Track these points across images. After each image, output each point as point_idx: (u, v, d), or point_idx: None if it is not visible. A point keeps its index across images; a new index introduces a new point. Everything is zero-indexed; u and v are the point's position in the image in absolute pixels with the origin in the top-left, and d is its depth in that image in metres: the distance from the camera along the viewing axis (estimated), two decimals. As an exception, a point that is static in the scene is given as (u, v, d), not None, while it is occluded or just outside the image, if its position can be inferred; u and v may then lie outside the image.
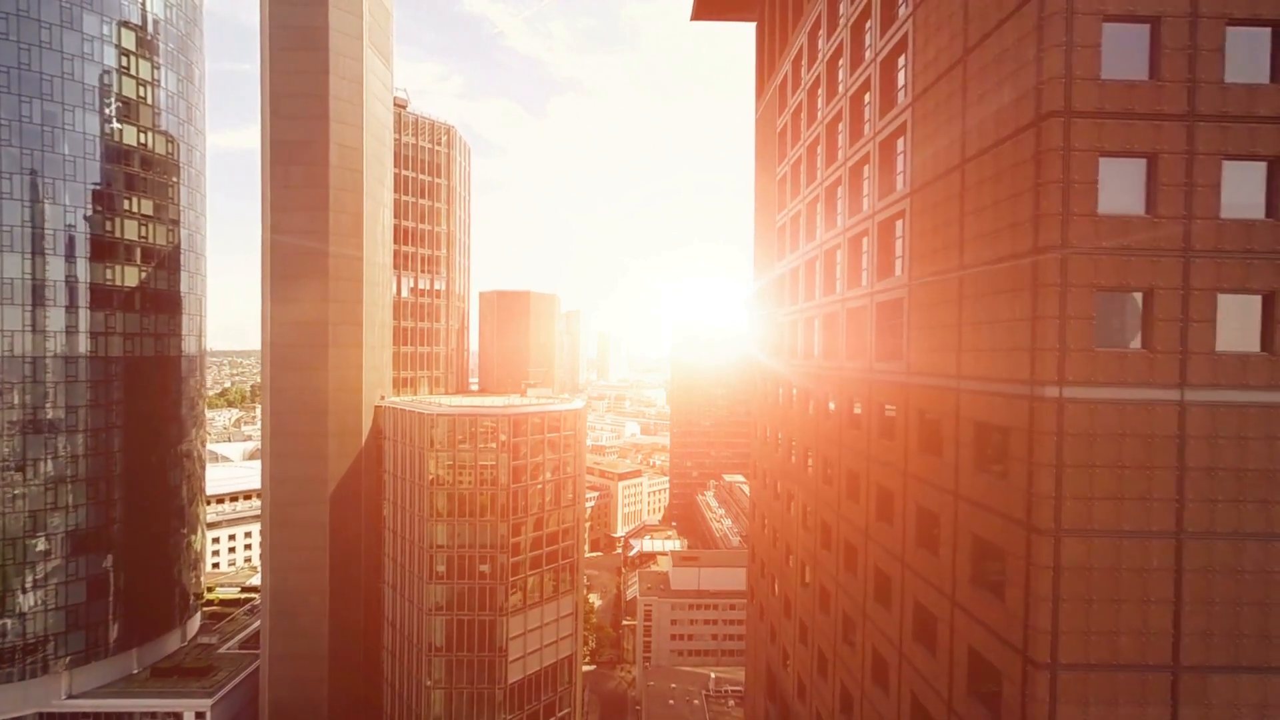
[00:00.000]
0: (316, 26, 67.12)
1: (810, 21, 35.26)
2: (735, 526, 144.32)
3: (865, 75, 27.23)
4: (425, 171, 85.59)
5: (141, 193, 75.90)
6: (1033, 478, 15.57)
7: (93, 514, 72.39)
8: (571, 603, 74.64)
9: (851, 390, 28.09)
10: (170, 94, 79.08)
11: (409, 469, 69.83)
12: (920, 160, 21.95)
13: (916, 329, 21.87)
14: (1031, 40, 15.85)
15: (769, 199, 44.53)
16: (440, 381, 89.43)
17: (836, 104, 31.07)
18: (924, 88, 21.80)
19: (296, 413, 68.09)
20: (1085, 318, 15.36)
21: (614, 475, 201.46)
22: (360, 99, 70.58)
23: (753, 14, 51.38)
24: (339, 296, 69.48)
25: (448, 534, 67.07)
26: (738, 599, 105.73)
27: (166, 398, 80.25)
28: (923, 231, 21.54)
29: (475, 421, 67.06)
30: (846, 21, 29.44)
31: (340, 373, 69.75)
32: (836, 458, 29.70)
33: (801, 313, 36.34)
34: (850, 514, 27.92)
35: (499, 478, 67.07)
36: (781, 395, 40.20)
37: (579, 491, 74.92)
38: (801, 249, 36.77)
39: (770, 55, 46.19)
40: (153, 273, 76.90)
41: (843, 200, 29.91)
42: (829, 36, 32.23)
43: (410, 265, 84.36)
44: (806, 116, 36.32)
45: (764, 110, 47.18)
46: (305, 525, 68.16)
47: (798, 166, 38.33)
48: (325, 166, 67.94)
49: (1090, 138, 15.48)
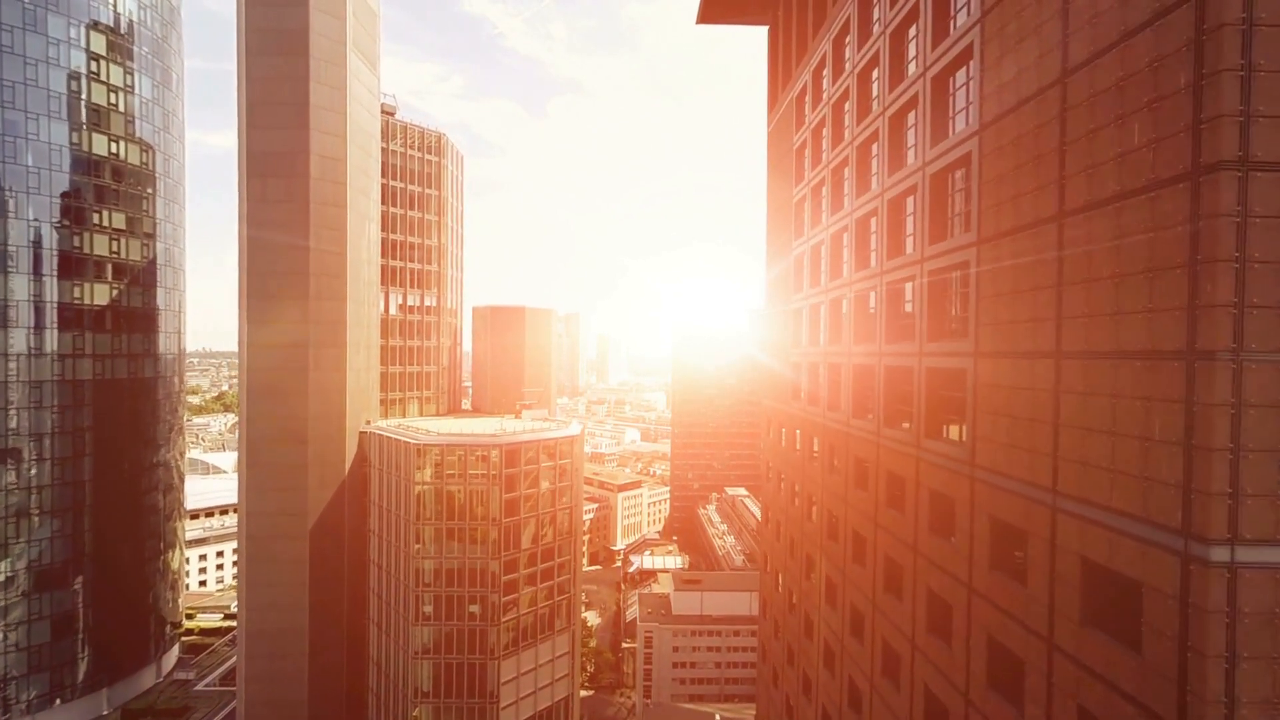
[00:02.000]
0: (296, 30, 62.87)
1: (835, 27, 31.01)
2: (738, 544, 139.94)
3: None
4: (415, 182, 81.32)
5: (113, 205, 71.76)
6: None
7: (59, 547, 68.20)
8: (568, 640, 70.34)
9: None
10: (145, 100, 74.96)
11: (395, 500, 65.56)
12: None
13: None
14: None
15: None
16: (431, 402, 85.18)
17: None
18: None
19: (274, 442, 63.79)
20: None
21: (613, 487, 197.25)
22: (344, 107, 66.34)
23: (764, 18, 47.10)
24: (321, 317, 65.20)
25: (435, 572, 62.77)
26: (743, 624, 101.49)
27: (141, 420, 76.05)
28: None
29: (465, 452, 62.76)
30: (884, 28, 25.17)
31: (322, 398, 65.46)
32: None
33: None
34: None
35: (490, 511, 62.78)
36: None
37: (576, 522, 70.61)
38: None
39: (785, 61, 41.95)
40: (125, 290, 72.72)
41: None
42: (860, 46, 27.97)
43: (399, 281, 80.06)
44: (831, 133, 32.05)
45: (778, 123, 42.94)
46: (284, 561, 63.86)
47: (819, 191, 34.08)
48: (306, 179, 63.68)
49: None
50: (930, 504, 20.73)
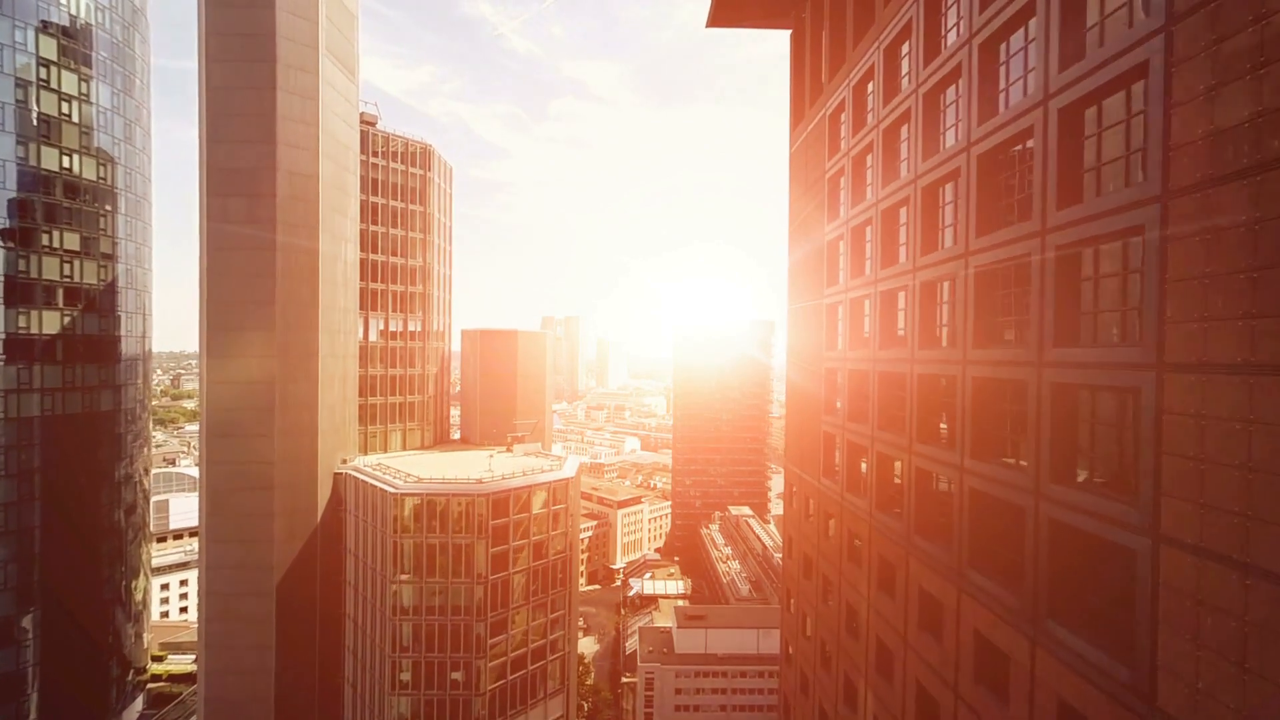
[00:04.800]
0: (261, 34, 56.77)
1: (888, 35, 24.86)
2: (743, 570, 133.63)
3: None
4: (399, 197, 75.15)
5: (66, 225, 65.58)
6: None
7: (6, 602, 62.00)
8: (561, 703, 64.22)
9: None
10: (104, 109, 68.79)
11: (371, 552, 59.41)
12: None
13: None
14: None
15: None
16: (417, 432, 79.01)
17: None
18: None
19: (236, 490, 57.64)
20: None
21: (613, 503, 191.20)
22: (316, 118, 60.22)
23: (785, 21, 40.99)
24: (289, 350, 59.05)
25: (414, 634, 56.61)
26: (750, 665, 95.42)
27: (98, 457, 69.86)
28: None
29: (448, 500, 56.60)
30: (969, 38, 19.01)
31: (291, 439, 59.30)
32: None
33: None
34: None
35: (476, 567, 56.61)
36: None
37: (571, 573, 64.43)
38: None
39: (814, 70, 35.84)
40: (79, 317, 66.52)
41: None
42: (927, 60, 21.80)
43: (381, 305, 73.89)
44: (881, 164, 25.87)
45: (805, 142, 36.81)
46: (247, 620, 57.67)
47: (861, 234, 27.92)
48: (272, 198, 57.56)
49: None
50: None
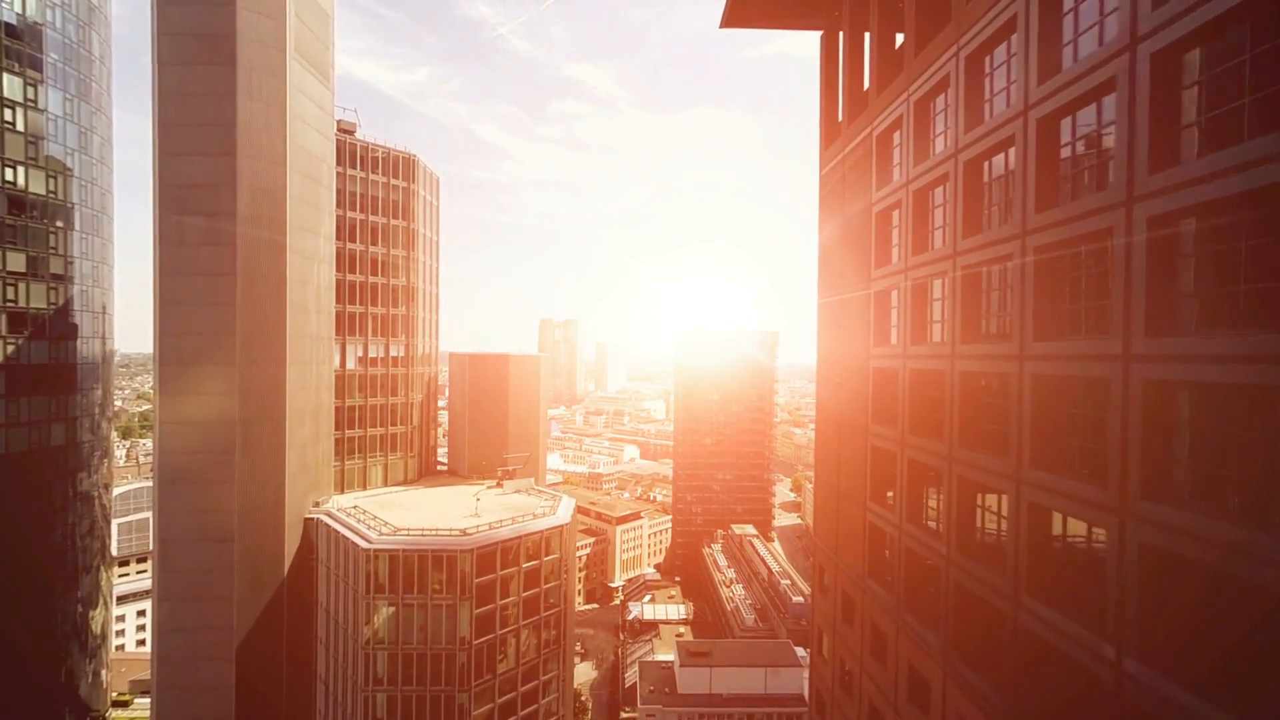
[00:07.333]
0: (220, 35, 50.84)
1: (971, 41, 18.99)
2: (748, 597, 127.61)
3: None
4: (379, 212, 69.22)
5: (9, 243, 59.55)
6: None
7: (-63, 661, 56.05)
8: (556, 773, 58.25)
9: None
10: (54, 117, 62.78)
11: (343, 610, 53.46)
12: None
13: None
14: None
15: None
16: (400, 464, 73.06)
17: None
18: None
19: (192, 541, 51.61)
20: None
21: (612, 519, 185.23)
22: (283, 127, 54.31)
23: (816, 20, 35.18)
24: (252, 386, 53.08)
25: (390, 707, 50.61)
26: (757, 706, 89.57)
27: (49, 493, 63.91)
28: None
29: (429, 556, 50.65)
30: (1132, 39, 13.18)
31: (254, 485, 53.29)
32: None
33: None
34: None
35: (459, 630, 50.68)
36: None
37: (567, 629, 58.50)
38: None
39: (852, 79, 30.04)
40: (25, 345, 60.47)
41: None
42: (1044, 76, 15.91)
43: (360, 329, 67.93)
44: (961, 203, 20.02)
45: (839, 165, 30.99)
46: (201, 689, 51.62)
47: (923, 292, 22.07)
48: (233, 217, 51.59)
49: None
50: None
